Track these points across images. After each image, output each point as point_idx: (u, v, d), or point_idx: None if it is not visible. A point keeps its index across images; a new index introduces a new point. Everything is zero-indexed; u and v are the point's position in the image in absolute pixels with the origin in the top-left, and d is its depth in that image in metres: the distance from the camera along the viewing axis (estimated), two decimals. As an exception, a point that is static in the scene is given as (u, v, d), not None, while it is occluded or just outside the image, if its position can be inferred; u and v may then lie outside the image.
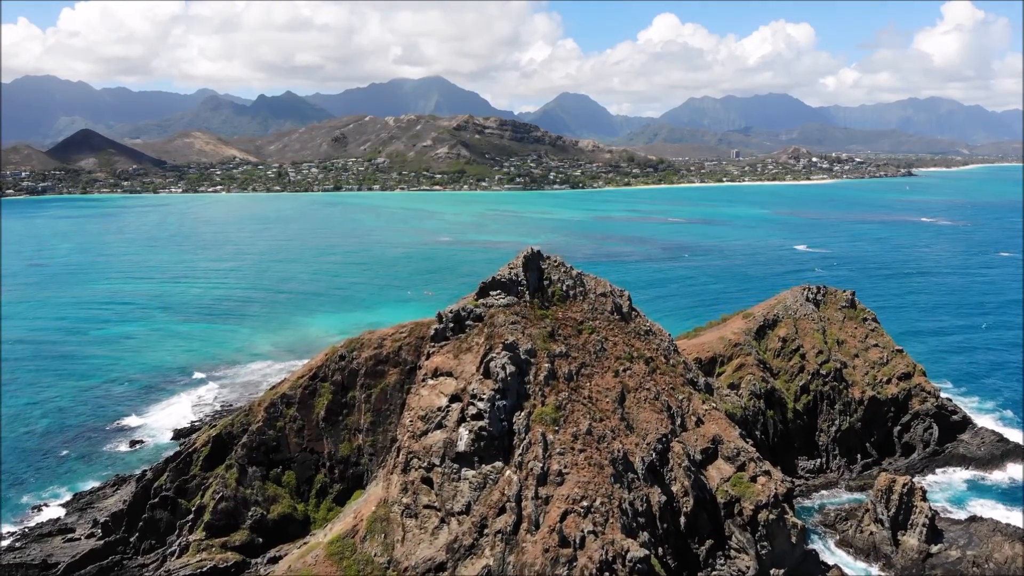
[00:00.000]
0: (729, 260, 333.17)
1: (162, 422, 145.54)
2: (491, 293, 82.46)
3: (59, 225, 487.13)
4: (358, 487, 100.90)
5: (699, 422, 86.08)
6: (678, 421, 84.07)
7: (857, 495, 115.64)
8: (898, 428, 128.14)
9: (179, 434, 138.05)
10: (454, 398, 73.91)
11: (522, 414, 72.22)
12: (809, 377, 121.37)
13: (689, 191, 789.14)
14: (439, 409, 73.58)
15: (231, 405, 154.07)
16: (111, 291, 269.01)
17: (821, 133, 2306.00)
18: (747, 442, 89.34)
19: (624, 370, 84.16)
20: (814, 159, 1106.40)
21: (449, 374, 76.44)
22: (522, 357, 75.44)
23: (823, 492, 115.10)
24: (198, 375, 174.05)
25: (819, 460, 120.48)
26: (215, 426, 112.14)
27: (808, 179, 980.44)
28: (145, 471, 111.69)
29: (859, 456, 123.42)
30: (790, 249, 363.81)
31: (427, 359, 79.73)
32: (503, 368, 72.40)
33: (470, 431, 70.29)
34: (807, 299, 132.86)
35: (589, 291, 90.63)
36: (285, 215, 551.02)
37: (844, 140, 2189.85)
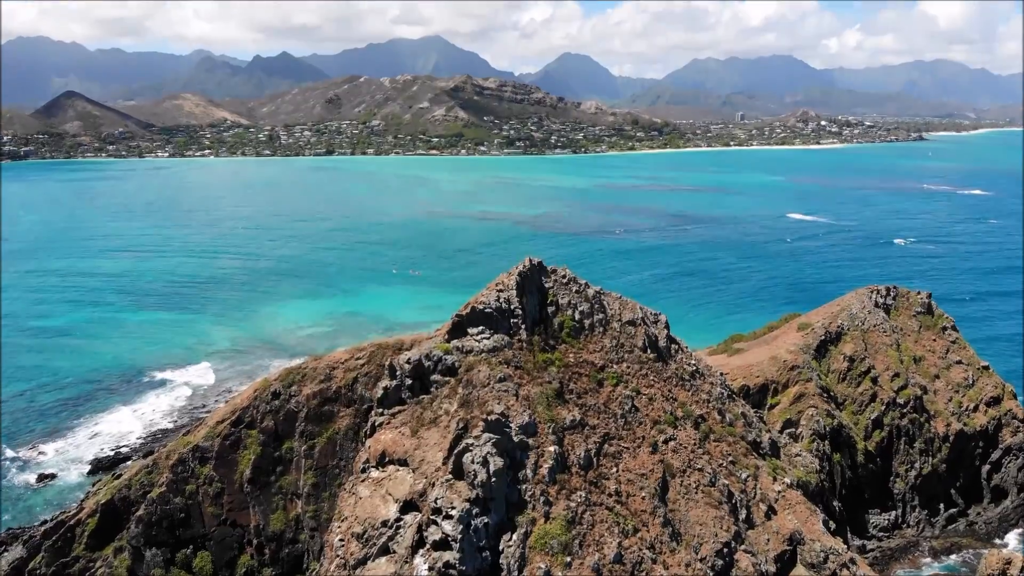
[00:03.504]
0: (746, 233, 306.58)
1: (82, 448, 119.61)
2: (470, 331, 56.01)
3: (32, 193, 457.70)
4: (297, 572, 75.50)
5: (770, 511, 60.20)
6: (742, 514, 58.17)
7: (946, 561, 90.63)
8: (987, 467, 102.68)
9: (98, 466, 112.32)
10: (408, 505, 47.88)
11: (514, 537, 46.26)
12: (883, 408, 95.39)
13: (696, 156, 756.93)
14: (385, 524, 47.58)
15: (174, 424, 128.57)
16: (67, 270, 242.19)
17: (826, 96, 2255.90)
18: (831, 531, 63.59)
19: (666, 441, 58.07)
20: (823, 122, 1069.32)
21: (403, 463, 50.34)
22: (515, 440, 49.27)
23: (903, 561, 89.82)
24: (140, 381, 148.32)
25: (894, 513, 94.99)
26: (117, 477, 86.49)
27: (818, 143, 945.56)
28: (34, 533, 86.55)
29: (942, 505, 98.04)
30: (814, 223, 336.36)
31: (370, 435, 53.55)
32: (484, 464, 46.25)
33: (432, 567, 44.33)
34: (876, 304, 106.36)
35: (611, 318, 64.14)
36: (272, 181, 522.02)
37: (849, 103, 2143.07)
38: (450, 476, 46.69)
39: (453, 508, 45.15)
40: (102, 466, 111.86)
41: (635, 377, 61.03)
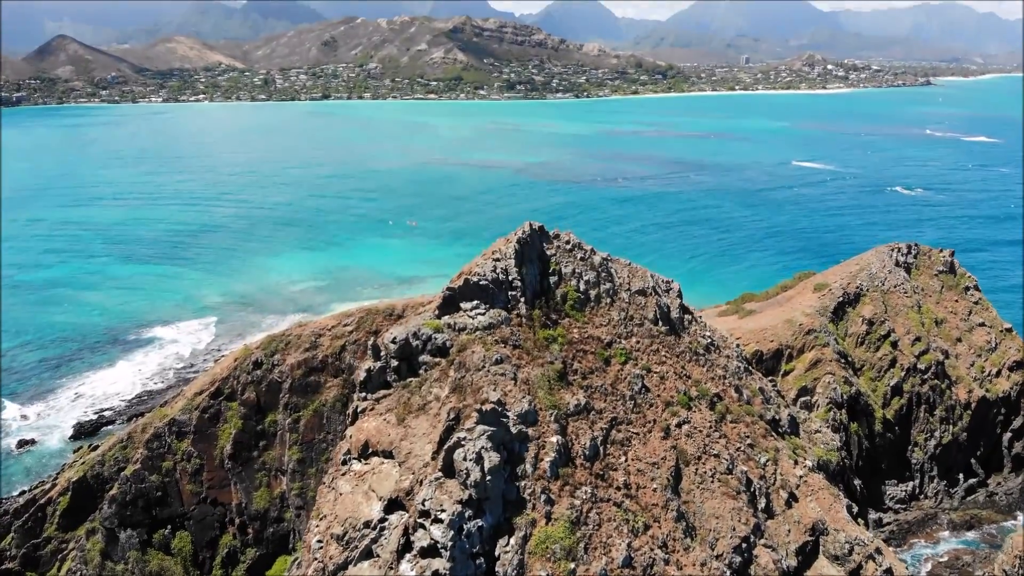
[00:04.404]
0: (750, 181, 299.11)
1: (64, 412, 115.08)
2: (463, 306, 50.34)
3: (23, 141, 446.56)
4: (283, 552, 71.32)
5: (791, 499, 55.36)
6: (761, 503, 53.31)
7: (964, 536, 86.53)
8: (1008, 435, 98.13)
9: (80, 431, 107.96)
10: (393, 504, 42.85)
11: (511, 542, 41.32)
12: (903, 374, 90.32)
13: (701, 100, 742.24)
14: (367, 524, 42.62)
15: (164, 385, 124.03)
16: (55, 220, 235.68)
17: (832, 39, 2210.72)
18: (854, 515, 58.97)
19: (679, 424, 52.91)
20: (829, 66, 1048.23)
21: (388, 455, 45.18)
22: (512, 431, 44.02)
23: (921, 534, 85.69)
24: (127, 338, 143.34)
25: (912, 484, 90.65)
26: (93, 449, 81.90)
27: (824, 88, 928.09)
28: (7, 509, 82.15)
29: (961, 476, 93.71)
30: (820, 170, 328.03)
31: (352, 422, 48.30)
32: (478, 460, 41.08)
33: (420, 575, 39.51)
34: (896, 263, 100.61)
35: (619, 287, 58.44)
36: (267, 127, 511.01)
37: (855, 47, 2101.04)
38: (440, 474, 41.54)
39: (443, 511, 40.08)
40: (85, 431, 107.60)
41: (645, 353, 55.63)
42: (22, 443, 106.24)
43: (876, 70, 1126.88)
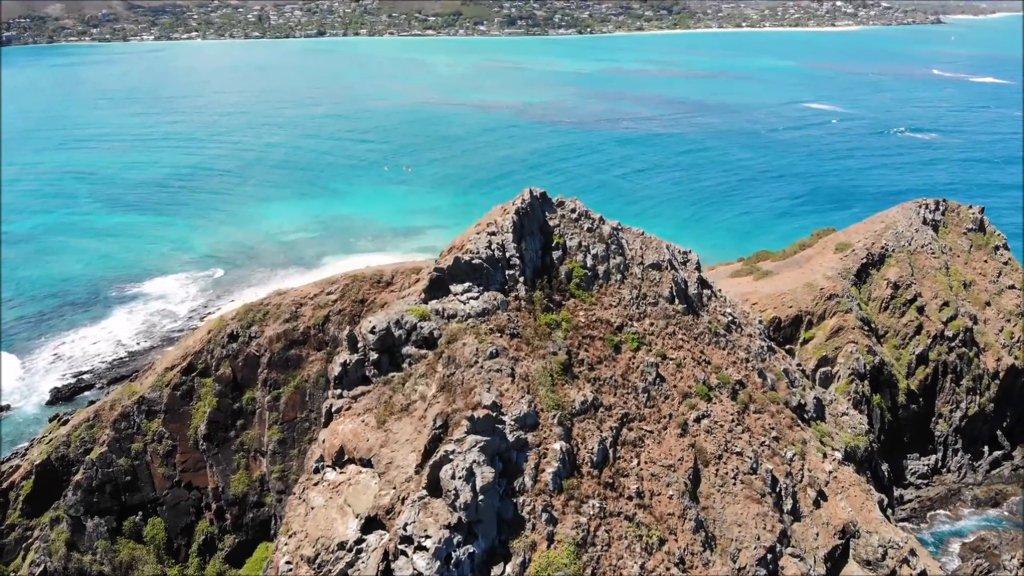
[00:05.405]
0: (758, 122, 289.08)
1: (42, 375, 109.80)
2: (453, 288, 44.04)
3: (12, 83, 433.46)
4: (264, 538, 66.44)
5: (820, 497, 49.90)
6: (787, 505, 47.82)
7: (987, 513, 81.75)
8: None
9: (58, 396, 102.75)
10: (371, 523, 37.25)
11: (507, 570, 35.85)
12: (929, 341, 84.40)
13: (707, 37, 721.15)
14: (342, 546, 37.10)
15: (149, 346, 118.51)
16: (40, 165, 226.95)
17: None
18: (885, 510, 53.64)
19: (698, 419, 47.11)
20: (838, 3, 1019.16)
21: (366, 463, 39.45)
22: (509, 438, 38.19)
23: (943, 511, 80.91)
24: (109, 295, 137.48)
25: (934, 457, 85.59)
26: (63, 423, 76.53)
27: (833, 25, 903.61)
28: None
29: (986, 448, 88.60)
30: (830, 111, 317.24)
31: (326, 424, 42.44)
32: (468, 478, 35.32)
33: (401, 612, 34.03)
34: (924, 221, 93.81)
35: (631, 262, 51.98)
36: (261, 66, 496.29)
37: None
38: (424, 492, 35.82)
39: (427, 537, 34.46)
40: (62, 396, 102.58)
41: (660, 337, 49.50)
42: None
43: (886, 7, 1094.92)
